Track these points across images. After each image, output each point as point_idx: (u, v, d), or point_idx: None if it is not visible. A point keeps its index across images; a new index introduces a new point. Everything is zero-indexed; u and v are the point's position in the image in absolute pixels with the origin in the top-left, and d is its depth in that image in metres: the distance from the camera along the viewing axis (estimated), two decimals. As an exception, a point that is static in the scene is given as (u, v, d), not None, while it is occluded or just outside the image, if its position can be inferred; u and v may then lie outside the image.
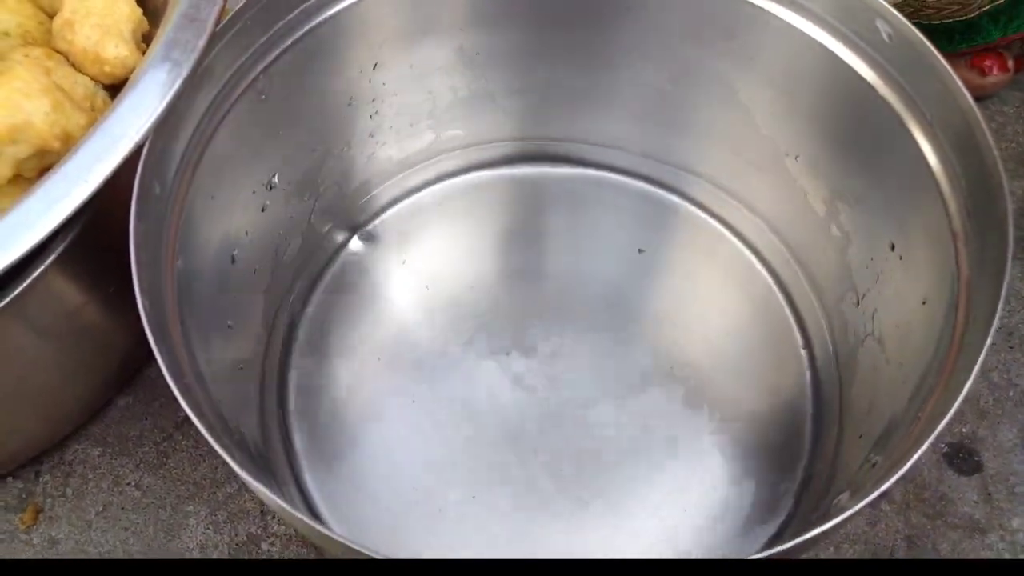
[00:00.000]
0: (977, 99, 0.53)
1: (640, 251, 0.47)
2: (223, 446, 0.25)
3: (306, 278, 0.45)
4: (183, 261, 0.31)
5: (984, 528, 0.42)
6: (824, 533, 0.23)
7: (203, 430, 0.24)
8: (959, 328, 0.29)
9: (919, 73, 0.33)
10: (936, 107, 0.33)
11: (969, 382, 0.25)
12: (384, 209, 0.48)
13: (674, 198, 0.48)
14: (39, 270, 0.32)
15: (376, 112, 0.44)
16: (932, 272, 0.33)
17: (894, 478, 0.23)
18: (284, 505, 0.25)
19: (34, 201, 0.27)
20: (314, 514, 0.39)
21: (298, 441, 0.41)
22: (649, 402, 0.42)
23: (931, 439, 0.23)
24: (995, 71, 0.51)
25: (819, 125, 0.40)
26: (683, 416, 0.42)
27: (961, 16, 0.48)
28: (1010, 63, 0.52)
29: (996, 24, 0.48)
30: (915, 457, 0.23)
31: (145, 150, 0.29)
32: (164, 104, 0.29)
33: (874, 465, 0.30)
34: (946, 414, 0.24)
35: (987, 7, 0.47)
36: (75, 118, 0.30)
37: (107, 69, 0.35)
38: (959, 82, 0.31)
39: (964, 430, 0.45)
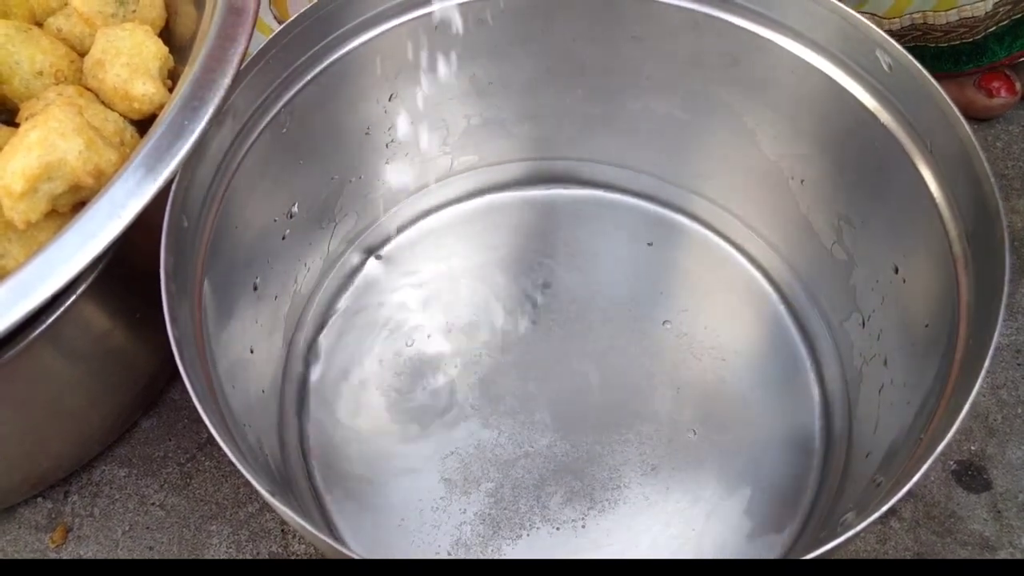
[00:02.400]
0: (984, 120, 0.54)
1: (650, 270, 0.47)
2: (247, 467, 0.26)
3: (323, 301, 0.46)
4: (209, 290, 0.33)
5: (994, 545, 0.42)
6: (831, 551, 0.24)
7: (228, 450, 0.25)
8: (959, 350, 0.30)
9: (918, 102, 0.34)
10: (935, 135, 0.34)
11: (968, 403, 0.26)
12: (399, 231, 0.49)
13: (683, 219, 0.49)
14: (71, 299, 0.34)
15: (392, 140, 0.45)
16: (934, 295, 0.34)
17: (898, 495, 0.23)
18: (303, 522, 0.26)
19: (70, 235, 0.28)
20: (334, 536, 0.40)
21: (317, 468, 0.42)
22: (660, 420, 0.43)
23: (933, 457, 0.24)
24: (1003, 93, 0.52)
25: (823, 150, 0.40)
26: (691, 434, 0.42)
27: (968, 39, 0.49)
28: (1017, 86, 0.52)
29: (1001, 44, 0.49)
30: (918, 475, 0.24)
31: (174, 186, 0.30)
32: (192, 141, 0.30)
33: (878, 485, 0.31)
34: (947, 433, 0.25)
35: (993, 28, 0.48)
36: (107, 155, 0.32)
37: (136, 106, 0.36)
38: (957, 111, 0.32)
39: (973, 448, 0.45)
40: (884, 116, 0.36)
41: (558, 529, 0.40)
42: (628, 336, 0.45)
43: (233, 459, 0.25)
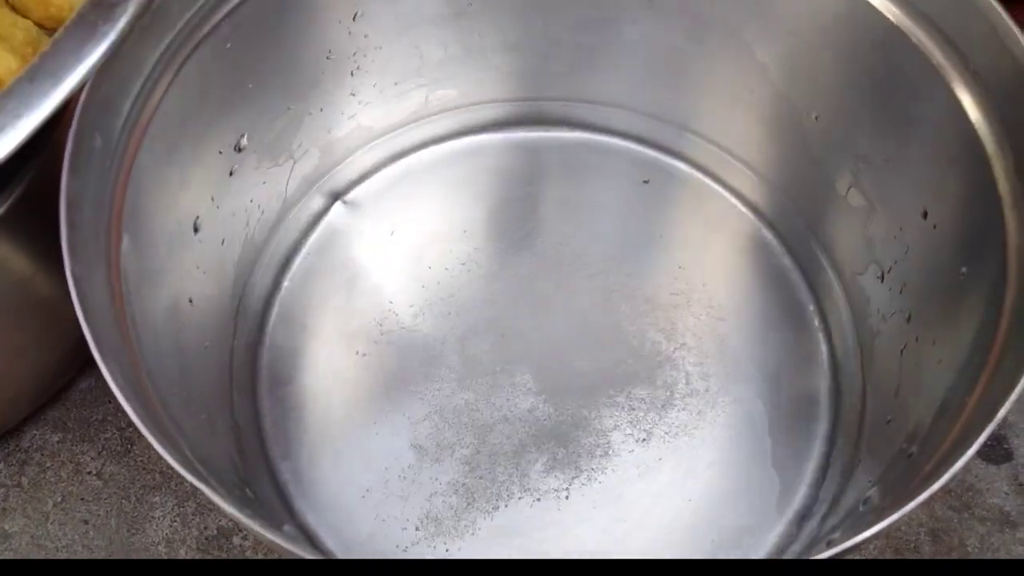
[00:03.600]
0: None
1: (643, 220, 0.44)
2: (180, 461, 0.22)
3: (282, 249, 0.42)
4: (131, 226, 0.28)
5: (1015, 521, 0.39)
6: (857, 545, 0.20)
7: (148, 434, 0.21)
8: (1009, 302, 0.26)
9: (959, 12, 0.30)
10: (980, 51, 0.29)
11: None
12: (369, 175, 0.44)
13: (681, 164, 0.45)
14: (-26, 235, 0.29)
15: (358, 68, 0.40)
16: (973, 241, 0.30)
17: (944, 478, 0.19)
18: (251, 522, 0.21)
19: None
20: (287, 505, 0.36)
21: (271, 434, 0.38)
22: (654, 383, 0.39)
23: (987, 432, 0.20)
24: None
25: (842, 79, 0.36)
26: (690, 396, 0.39)
27: None
28: None
29: None
30: (969, 453, 0.19)
31: (83, 96, 0.26)
32: (106, 44, 0.25)
33: (910, 456, 0.27)
34: (1003, 402, 0.21)
35: None
36: (6, 62, 0.27)
37: (53, 11, 0.31)
38: (1010, 21, 0.27)
39: (993, 415, 0.41)
40: (916, 33, 0.31)
41: (539, 500, 0.37)
42: (620, 292, 0.42)
43: (154, 443, 0.21)
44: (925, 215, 0.33)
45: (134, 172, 0.29)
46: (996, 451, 0.41)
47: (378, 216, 0.44)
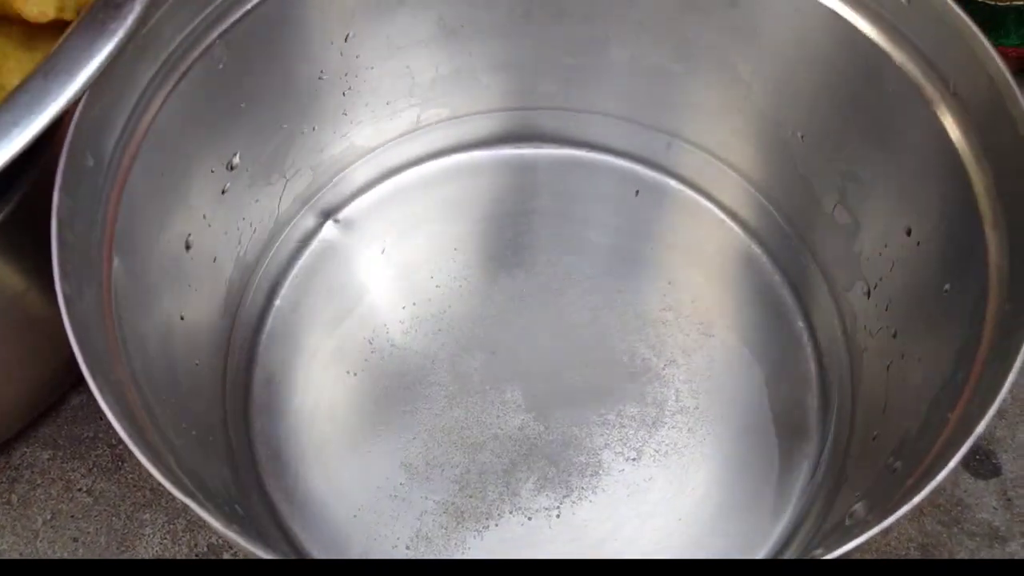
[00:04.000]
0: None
1: (633, 236, 0.44)
2: (169, 478, 0.22)
3: (274, 267, 0.42)
4: (124, 243, 0.28)
5: (1004, 536, 0.39)
6: (850, 552, 0.20)
7: (137, 452, 0.21)
8: (990, 320, 0.26)
9: (941, 37, 0.30)
10: (960, 74, 0.30)
11: (1008, 380, 0.22)
12: (360, 192, 0.45)
13: (671, 181, 0.45)
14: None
15: (349, 88, 0.41)
16: (955, 259, 0.30)
17: (927, 489, 0.20)
18: (239, 538, 0.21)
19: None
20: (278, 523, 0.36)
21: (262, 453, 0.38)
22: (644, 400, 0.40)
23: (967, 446, 0.20)
24: None
25: (826, 99, 0.37)
26: (680, 414, 0.39)
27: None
28: None
29: (1020, 28, 0.45)
30: (950, 466, 0.20)
31: (76, 116, 0.26)
32: (100, 59, 0.26)
33: (894, 471, 0.27)
34: (982, 417, 0.21)
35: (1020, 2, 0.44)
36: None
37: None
38: (988, 45, 0.28)
39: (981, 431, 0.42)
40: (899, 56, 0.32)
41: (530, 519, 0.37)
42: (610, 308, 0.42)
43: (124, 436, 0.21)
44: (909, 232, 0.34)
45: (126, 191, 0.29)
46: (985, 466, 0.41)
47: (369, 234, 0.44)
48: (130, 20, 0.26)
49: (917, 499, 0.20)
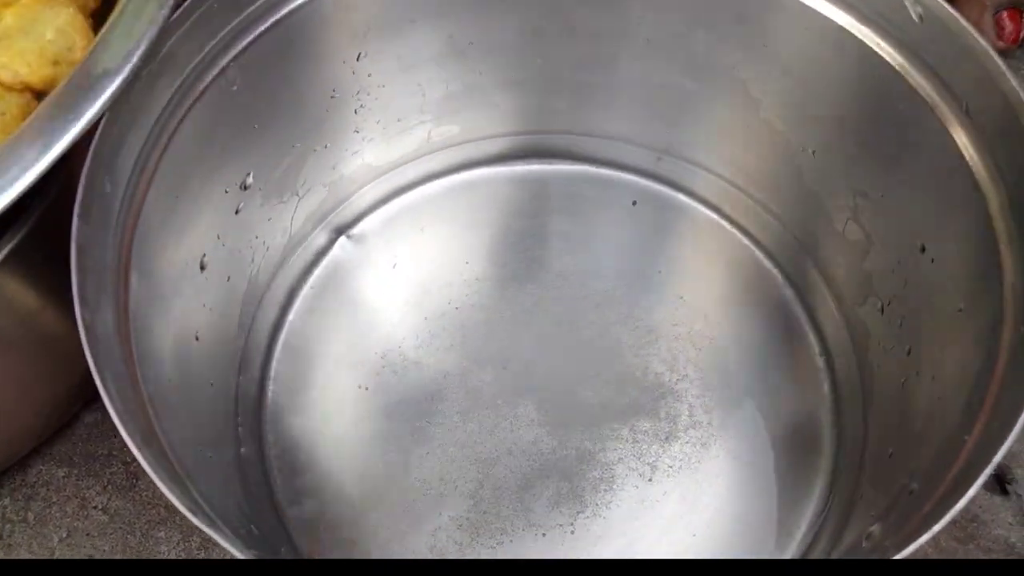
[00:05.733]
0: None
1: (645, 252, 0.44)
2: (183, 499, 0.22)
3: (286, 284, 0.42)
4: (141, 267, 0.28)
5: (1021, 552, 0.39)
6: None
7: (151, 471, 0.21)
8: (1007, 338, 0.26)
9: (954, 56, 0.30)
10: (974, 93, 0.30)
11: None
12: (372, 209, 0.45)
13: (681, 197, 0.45)
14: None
15: (362, 106, 0.41)
16: (969, 276, 0.30)
17: (946, 519, 0.19)
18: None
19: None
20: (291, 542, 0.36)
21: (277, 471, 0.38)
22: (658, 415, 0.39)
23: (986, 474, 0.20)
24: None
25: (838, 117, 0.37)
26: (693, 428, 0.39)
27: None
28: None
29: None
30: (969, 494, 0.20)
31: (94, 142, 0.26)
32: (115, 85, 0.26)
33: (912, 492, 0.27)
34: (1002, 442, 0.21)
35: None
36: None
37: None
38: (1002, 64, 0.28)
39: (996, 445, 0.41)
40: (913, 75, 0.32)
41: (544, 535, 0.37)
42: (622, 324, 0.42)
43: (138, 455, 0.21)
44: (923, 249, 0.34)
45: (143, 214, 0.29)
46: (1000, 482, 0.41)
47: (381, 250, 0.44)
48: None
49: (937, 527, 0.20)
